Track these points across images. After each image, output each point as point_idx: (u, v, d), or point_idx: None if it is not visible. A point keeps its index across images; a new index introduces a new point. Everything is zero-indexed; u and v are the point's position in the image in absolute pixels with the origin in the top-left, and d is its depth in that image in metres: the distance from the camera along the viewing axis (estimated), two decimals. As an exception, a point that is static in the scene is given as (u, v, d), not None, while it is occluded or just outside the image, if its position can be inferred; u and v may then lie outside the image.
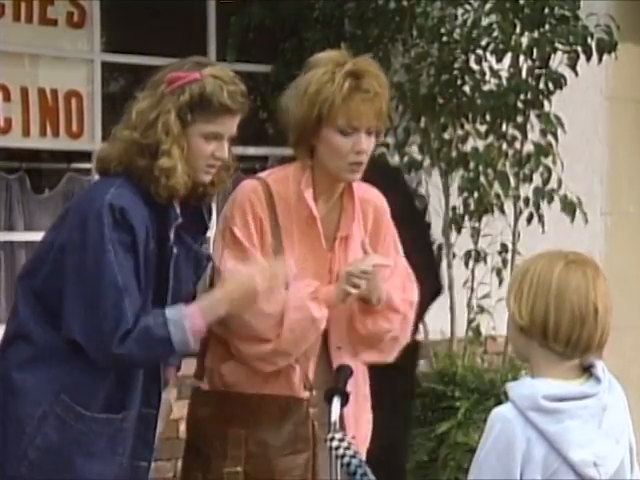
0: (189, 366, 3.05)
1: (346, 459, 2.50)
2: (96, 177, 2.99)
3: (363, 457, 2.78)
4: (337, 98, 2.85)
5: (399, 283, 3.05)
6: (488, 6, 5.01)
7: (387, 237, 3.08)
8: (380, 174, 3.20)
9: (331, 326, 2.96)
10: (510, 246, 5.21)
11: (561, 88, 5.05)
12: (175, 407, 3.75)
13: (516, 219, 5.22)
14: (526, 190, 5.26)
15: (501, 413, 2.20)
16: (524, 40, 5.03)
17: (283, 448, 2.87)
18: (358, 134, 2.88)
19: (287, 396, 2.90)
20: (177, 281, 2.79)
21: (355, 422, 3.00)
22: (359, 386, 3.00)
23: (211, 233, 3.02)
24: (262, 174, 3.01)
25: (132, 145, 2.70)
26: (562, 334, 2.20)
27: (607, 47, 5.00)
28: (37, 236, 2.93)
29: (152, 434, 2.80)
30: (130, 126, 2.72)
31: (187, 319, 2.67)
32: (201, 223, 2.87)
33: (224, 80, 2.75)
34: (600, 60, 5.05)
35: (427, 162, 5.28)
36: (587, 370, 2.27)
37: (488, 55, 5.05)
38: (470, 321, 5.20)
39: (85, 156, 5.24)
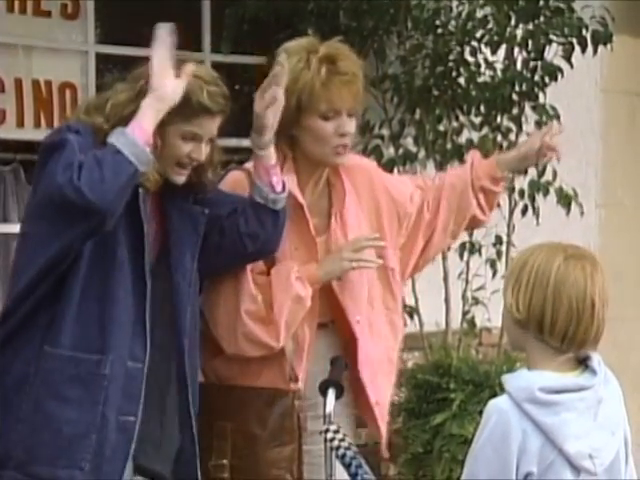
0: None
1: (341, 451, 2.49)
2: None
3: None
4: (316, 84, 2.86)
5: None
6: (483, -2, 5.02)
7: (383, 200, 3.08)
8: None
9: (348, 300, 2.97)
10: (505, 238, 5.21)
11: (556, 80, 5.05)
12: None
13: (511, 211, 5.22)
14: (521, 182, 5.26)
15: (497, 405, 2.20)
16: (519, 32, 5.03)
17: (269, 440, 2.87)
18: (340, 117, 2.90)
19: (272, 388, 2.90)
20: (176, 243, 2.78)
21: (372, 386, 3.01)
22: (379, 349, 3.02)
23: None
24: (247, 164, 3.00)
25: (100, 133, 2.68)
26: (558, 329, 2.20)
27: (602, 39, 5.00)
28: (31, 228, 2.93)
29: (138, 388, 2.73)
30: (103, 115, 2.71)
31: (127, 129, 2.61)
32: (188, 182, 2.83)
33: (205, 80, 2.74)
34: (595, 52, 5.05)
35: (422, 154, 5.27)
36: (582, 362, 2.27)
37: (483, 47, 5.05)
38: (465, 313, 5.21)
39: (79, 148, 5.22)
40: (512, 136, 5.20)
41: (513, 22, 5.00)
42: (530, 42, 5.02)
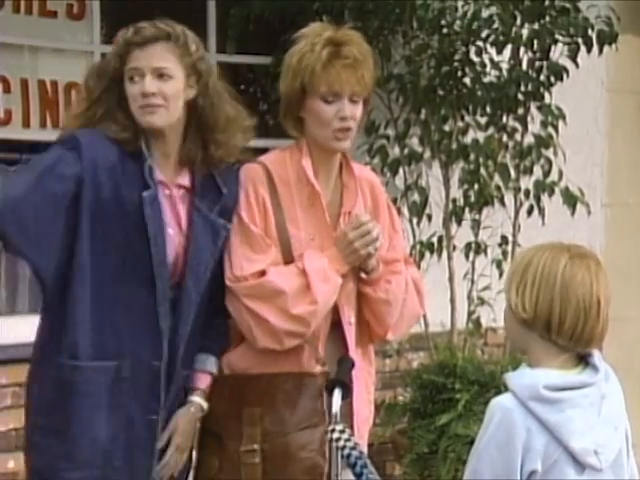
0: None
1: (346, 451, 2.49)
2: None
3: (364, 448, 2.79)
4: (317, 66, 2.89)
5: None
6: (488, -2, 5.02)
7: (383, 215, 3.10)
8: None
9: (344, 301, 2.98)
10: (510, 238, 5.21)
11: (562, 80, 5.05)
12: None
13: (516, 211, 5.22)
14: (526, 182, 5.26)
15: (501, 403, 2.20)
16: (524, 32, 5.03)
17: (299, 423, 2.88)
18: (341, 101, 2.91)
19: (300, 372, 2.91)
20: (195, 250, 2.81)
21: (355, 403, 3.00)
22: (359, 366, 3.00)
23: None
24: (261, 158, 3.03)
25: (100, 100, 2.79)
26: (566, 328, 2.20)
27: (608, 38, 4.99)
28: (37, 228, 2.93)
29: (158, 386, 2.78)
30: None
31: None
32: (216, 191, 2.87)
33: (139, 23, 2.83)
34: (601, 52, 5.05)
35: (427, 154, 5.27)
36: (583, 359, 2.27)
37: (488, 47, 5.05)
38: (470, 313, 5.21)
39: (85, 148, 5.24)
40: (518, 136, 5.21)
41: (519, 22, 5.00)
42: (536, 42, 5.01)
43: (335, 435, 2.51)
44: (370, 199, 3.08)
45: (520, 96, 5.07)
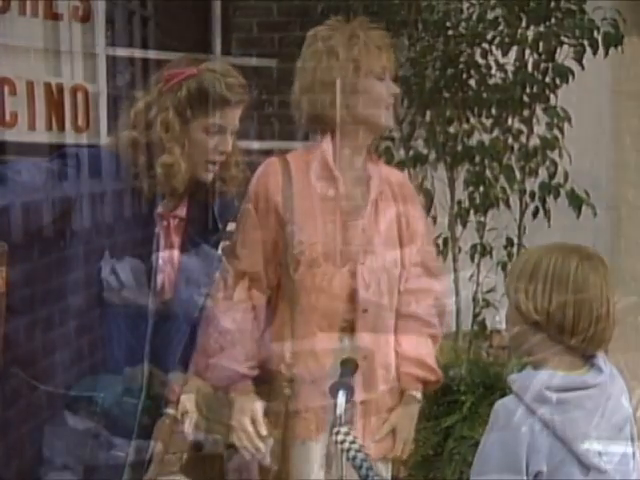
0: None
1: (352, 453, 2.49)
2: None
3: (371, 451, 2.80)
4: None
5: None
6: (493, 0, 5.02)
7: (412, 221, 3.13)
8: None
9: (360, 287, 2.98)
10: (516, 240, 5.21)
11: (567, 82, 5.05)
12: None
13: (522, 213, 5.22)
14: (532, 184, 5.26)
15: (505, 405, 2.21)
16: (530, 34, 5.02)
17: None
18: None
19: (269, 369, 2.99)
20: (187, 280, 2.80)
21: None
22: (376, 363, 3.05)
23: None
24: (290, 153, 3.09)
25: (132, 144, 2.69)
26: (580, 329, 2.20)
27: (613, 40, 4.99)
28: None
29: (132, 424, 2.77)
30: (129, 126, 2.72)
31: None
32: (213, 225, 2.87)
33: (221, 73, 2.77)
34: (606, 53, 5.04)
35: (433, 156, 5.27)
36: (588, 360, 2.27)
37: (494, 49, 5.05)
38: (475, 315, 5.20)
39: (90, 150, 5.24)
40: (523, 138, 5.20)
41: (524, 24, 5.00)
42: (541, 44, 5.01)
43: (340, 437, 2.51)
44: (401, 199, 3.10)
45: (525, 98, 5.07)
